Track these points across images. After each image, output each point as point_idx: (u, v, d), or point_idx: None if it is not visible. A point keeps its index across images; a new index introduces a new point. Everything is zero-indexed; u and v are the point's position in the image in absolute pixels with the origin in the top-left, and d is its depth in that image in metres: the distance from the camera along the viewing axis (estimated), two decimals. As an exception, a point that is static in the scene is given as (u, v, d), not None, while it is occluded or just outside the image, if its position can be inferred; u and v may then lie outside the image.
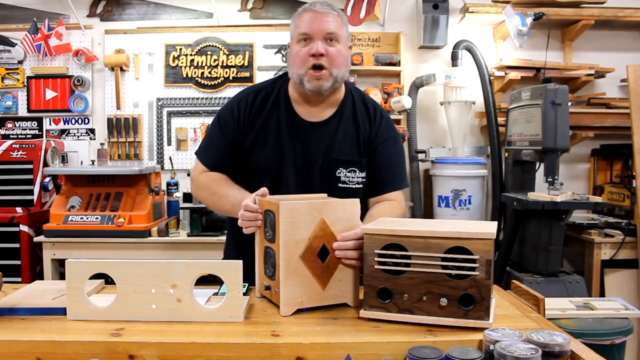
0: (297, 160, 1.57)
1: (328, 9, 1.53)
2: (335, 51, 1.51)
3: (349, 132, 1.60)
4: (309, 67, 1.50)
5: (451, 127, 3.55)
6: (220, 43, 3.63)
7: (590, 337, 2.20)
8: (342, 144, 1.59)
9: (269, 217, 1.27)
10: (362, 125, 1.62)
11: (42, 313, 1.21)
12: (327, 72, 1.51)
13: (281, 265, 1.20)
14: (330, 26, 1.50)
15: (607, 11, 3.42)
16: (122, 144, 3.66)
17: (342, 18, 1.56)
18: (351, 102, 1.64)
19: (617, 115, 3.44)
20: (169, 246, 3.09)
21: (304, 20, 1.52)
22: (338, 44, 1.52)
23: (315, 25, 1.50)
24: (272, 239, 1.25)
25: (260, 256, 1.33)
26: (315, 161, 1.58)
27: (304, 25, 1.51)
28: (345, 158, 1.58)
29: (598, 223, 3.13)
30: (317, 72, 1.50)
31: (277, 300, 1.23)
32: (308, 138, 1.58)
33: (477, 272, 1.09)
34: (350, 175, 1.58)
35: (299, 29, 1.52)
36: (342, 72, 1.55)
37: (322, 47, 1.49)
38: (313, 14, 1.51)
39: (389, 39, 3.66)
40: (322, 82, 1.51)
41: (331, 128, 1.59)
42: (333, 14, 1.53)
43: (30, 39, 3.51)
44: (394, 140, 1.66)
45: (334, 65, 1.51)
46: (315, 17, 1.51)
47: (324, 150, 1.58)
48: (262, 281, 1.32)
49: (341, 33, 1.54)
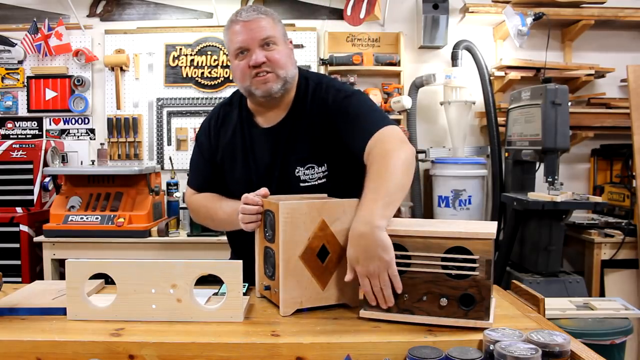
0: (258, 167, 1.55)
1: (255, 14, 1.46)
2: (276, 54, 1.45)
3: (302, 128, 1.52)
4: (252, 77, 1.46)
5: (451, 127, 3.55)
6: (220, 43, 3.63)
7: (590, 337, 2.20)
8: (296, 142, 1.53)
9: (268, 217, 1.27)
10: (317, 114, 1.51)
11: (42, 313, 1.21)
12: (272, 74, 1.46)
13: (281, 265, 1.20)
14: (262, 32, 1.44)
15: (607, 11, 3.42)
16: (122, 144, 3.66)
17: (272, 17, 1.48)
18: (304, 94, 1.55)
19: (617, 115, 3.44)
20: (169, 246, 3.09)
21: (235, 33, 1.46)
22: (276, 45, 1.46)
23: (247, 35, 1.44)
24: (272, 239, 1.25)
25: (260, 256, 1.33)
26: (275, 167, 1.54)
27: (237, 38, 1.45)
28: (299, 156, 1.52)
29: (598, 223, 3.13)
30: (262, 77, 1.45)
31: (277, 300, 1.23)
32: (264, 144, 1.55)
33: (477, 272, 1.09)
34: (309, 173, 1.52)
35: (234, 44, 1.46)
36: (290, 71, 1.49)
37: (261, 56, 1.43)
38: (242, 24, 1.45)
39: (389, 39, 3.66)
40: (270, 85, 1.46)
41: (284, 129, 1.54)
42: (261, 17, 1.46)
43: (30, 39, 3.51)
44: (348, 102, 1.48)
45: (278, 67, 1.46)
46: (245, 27, 1.44)
47: (282, 154, 1.53)
48: (262, 281, 1.32)
49: (276, 33, 1.47)
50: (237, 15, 1.48)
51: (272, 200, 1.26)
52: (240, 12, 1.48)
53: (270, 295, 1.28)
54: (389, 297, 1.13)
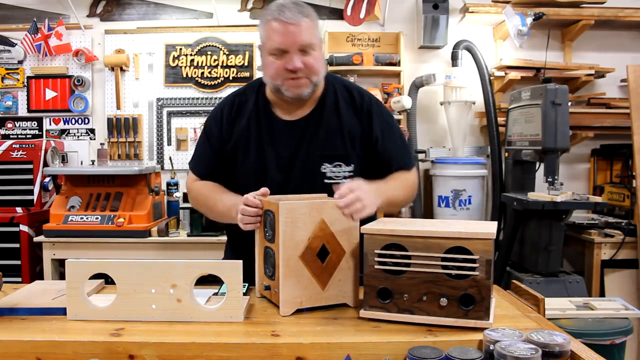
0: (279, 161, 1.55)
1: (299, 17, 1.42)
2: (312, 60, 1.45)
3: (332, 126, 1.55)
4: (285, 78, 1.46)
5: (451, 127, 3.55)
6: (220, 43, 3.63)
7: (590, 337, 2.20)
8: (325, 138, 1.55)
9: (268, 217, 1.27)
10: (346, 116, 1.57)
11: (42, 313, 1.21)
12: (306, 80, 1.47)
13: (281, 265, 1.20)
14: (304, 38, 1.42)
15: (607, 11, 3.42)
16: (122, 144, 3.66)
17: (313, 20, 1.47)
18: (333, 94, 1.58)
19: (617, 115, 3.44)
20: (169, 246, 3.09)
21: (276, 32, 1.43)
22: (314, 51, 1.46)
23: (289, 38, 1.42)
24: (272, 239, 1.25)
25: (260, 256, 1.33)
26: (297, 159, 1.54)
27: (276, 39, 1.43)
28: (328, 153, 1.54)
29: (598, 223, 3.13)
30: (296, 81, 1.46)
31: (277, 300, 1.23)
32: (288, 138, 1.55)
33: (477, 272, 1.09)
34: (336, 170, 1.54)
35: (272, 43, 1.44)
36: (321, 76, 1.51)
37: (298, 61, 1.43)
38: (284, 26, 1.41)
39: (389, 39, 3.66)
40: (302, 90, 1.48)
41: (312, 124, 1.55)
42: (305, 21, 1.43)
43: (30, 39, 3.51)
44: (390, 125, 1.62)
45: (312, 73, 1.47)
46: (287, 30, 1.41)
47: (306, 148, 1.54)
48: (262, 281, 1.32)
49: (315, 40, 1.46)
50: (280, 12, 1.42)
51: (272, 201, 1.25)
52: (283, 10, 1.42)
53: (270, 295, 1.28)
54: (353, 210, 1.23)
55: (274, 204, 1.22)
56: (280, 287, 1.21)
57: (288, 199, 1.28)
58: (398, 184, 1.56)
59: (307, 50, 1.44)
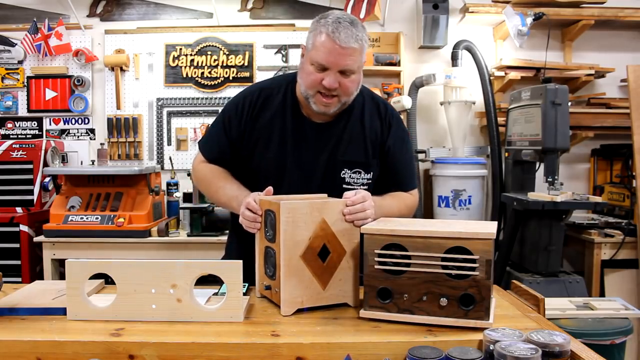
0: (300, 161, 1.56)
1: (351, 41, 1.40)
2: (349, 82, 1.46)
3: (356, 133, 1.58)
4: (317, 91, 1.47)
5: (451, 127, 3.55)
6: (220, 43, 3.63)
7: (590, 337, 2.20)
8: (348, 145, 1.57)
9: (269, 217, 1.27)
10: (370, 124, 1.60)
11: (42, 313, 1.21)
12: (336, 99, 1.48)
13: (282, 264, 1.20)
14: (348, 63, 1.42)
15: (607, 11, 3.42)
16: (122, 144, 3.66)
17: (364, 45, 1.45)
18: (361, 101, 1.60)
19: (617, 115, 3.44)
20: (169, 246, 3.09)
21: (324, 47, 1.41)
22: (354, 74, 1.46)
23: (334, 59, 1.41)
24: (273, 239, 1.25)
25: (261, 256, 1.33)
26: (319, 162, 1.56)
27: (322, 54, 1.42)
28: (350, 159, 1.57)
29: (598, 223, 3.13)
30: (326, 99, 1.47)
31: (278, 300, 1.23)
32: (313, 139, 1.56)
33: (477, 272, 1.09)
34: (355, 177, 1.57)
35: (316, 56, 1.43)
36: (351, 98, 1.52)
37: (335, 82, 1.43)
38: (335, 47, 1.40)
39: (389, 39, 3.66)
40: (330, 108, 1.49)
41: (338, 129, 1.57)
42: (355, 48, 1.41)
43: (30, 39, 3.51)
44: (404, 141, 1.66)
45: (345, 94, 1.48)
46: (336, 51, 1.40)
47: (329, 151, 1.56)
48: (263, 281, 1.32)
49: (358, 65, 1.46)
50: (335, 30, 1.41)
51: (273, 200, 1.25)
52: (338, 28, 1.41)
53: (271, 295, 1.28)
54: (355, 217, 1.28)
55: (275, 203, 1.22)
56: (281, 287, 1.21)
57: (289, 198, 1.28)
58: (397, 204, 1.60)
59: (348, 73, 1.45)
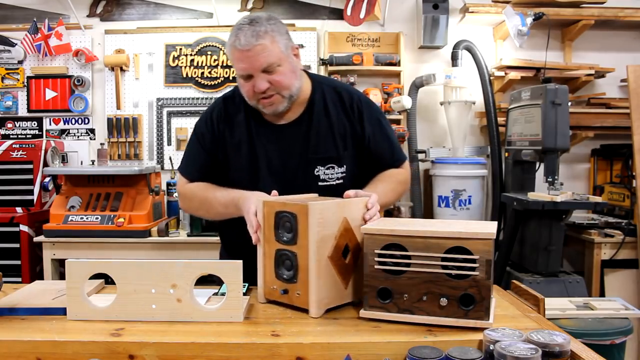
0: (271, 165, 1.55)
1: (253, 41, 1.40)
2: (279, 76, 1.45)
3: (323, 128, 1.56)
4: (258, 99, 1.48)
5: (451, 127, 3.55)
6: (220, 43, 3.63)
7: (590, 337, 2.20)
8: (318, 141, 1.55)
9: (283, 219, 1.23)
10: (336, 118, 1.57)
11: (42, 313, 1.21)
12: (278, 96, 1.47)
13: (312, 266, 1.18)
14: (262, 60, 1.41)
15: (607, 11, 3.42)
16: (122, 144, 3.66)
17: (271, 36, 1.42)
18: (321, 96, 1.58)
19: (617, 115, 3.44)
20: (169, 246, 3.09)
21: (235, 59, 1.44)
22: (280, 67, 1.44)
23: (248, 64, 1.42)
24: (292, 241, 1.22)
25: (269, 259, 1.28)
26: (291, 163, 1.55)
27: (239, 64, 1.44)
28: (322, 156, 1.55)
29: (598, 223, 3.13)
30: (268, 100, 1.47)
31: (301, 303, 1.21)
32: (280, 141, 1.55)
33: (477, 272, 1.09)
34: (329, 172, 1.55)
35: (237, 69, 1.46)
36: (294, 87, 1.50)
37: (264, 83, 1.43)
38: (241, 53, 1.41)
39: (389, 39, 3.66)
40: (276, 106, 1.49)
41: (303, 127, 1.56)
42: (259, 43, 1.40)
43: (30, 39, 3.51)
44: (380, 121, 1.63)
45: (283, 89, 1.47)
46: (244, 57, 1.41)
47: (299, 151, 1.55)
48: (272, 285, 1.28)
49: (277, 56, 1.43)
50: (236, 39, 1.42)
51: (289, 202, 1.23)
52: (238, 37, 1.41)
53: (291, 299, 1.24)
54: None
55: (297, 205, 1.20)
56: (311, 289, 1.19)
57: (302, 199, 1.27)
58: (391, 186, 1.60)
59: (271, 69, 1.44)
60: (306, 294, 1.20)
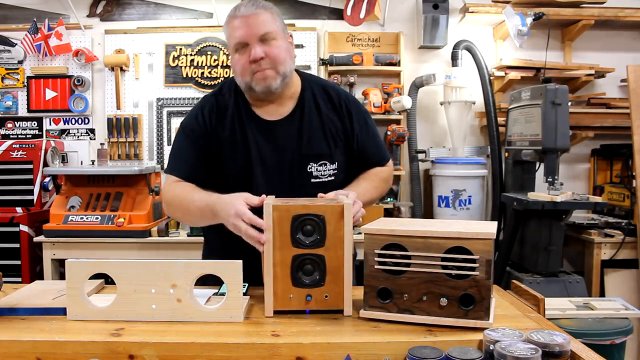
0: (264, 161, 1.53)
1: (253, 9, 1.46)
2: (275, 49, 1.46)
3: (314, 125, 1.56)
4: (252, 73, 1.47)
5: (451, 127, 3.55)
6: (220, 43, 3.63)
7: (590, 337, 2.20)
8: (310, 138, 1.55)
9: (303, 223, 1.20)
10: (326, 115, 1.58)
11: (42, 313, 1.21)
12: (271, 71, 1.47)
13: (346, 268, 1.20)
14: (261, 27, 1.45)
15: (607, 11, 3.42)
16: (122, 144, 3.66)
17: (271, 11, 1.49)
18: (310, 94, 1.59)
19: (617, 115, 3.44)
20: (169, 246, 3.09)
21: (234, 27, 1.47)
22: (275, 40, 1.47)
23: (247, 30, 1.44)
24: (317, 244, 1.20)
25: (281, 267, 1.21)
26: (284, 160, 1.54)
27: (236, 33, 1.46)
28: (314, 152, 1.54)
29: (598, 223, 3.13)
30: (261, 73, 1.46)
31: (329, 306, 1.21)
32: (273, 137, 1.54)
33: (477, 272, 1.09)
34: (321, 169, 1.55)
35: (233, 39, 1.47)
36: (288, 66, 1.50)
37: (260, 51, 1.44)
38: (240, 19, 1.46)
39: (389, 39, 3.66)
40: (269, 82, 1.48)
41: (295, 123, 1.55)
42: (260, 12, 1.46)
43: (30, 39, 3.51)
44: (366, 121, 1.65)
45: (278, 63, 1.47)
46: (244, 22, 1.45)
47: (292, 148, 1.54)
48: (288, 294, 1.21)
49: (275, 28, 1.48)
50: (236, 10, 1.48)
51: (310, 204, 1.22)
52: (239, 7, 1.48)
53: (317, 304, 1.21)
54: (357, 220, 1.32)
55: (322, 207, 1.20)
56: (346, 291, 1.20)
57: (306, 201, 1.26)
58: (374, 184, 1.61)
59: (268, 39, 1.46)
60: (336, 296, 1.21)
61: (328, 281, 1.21)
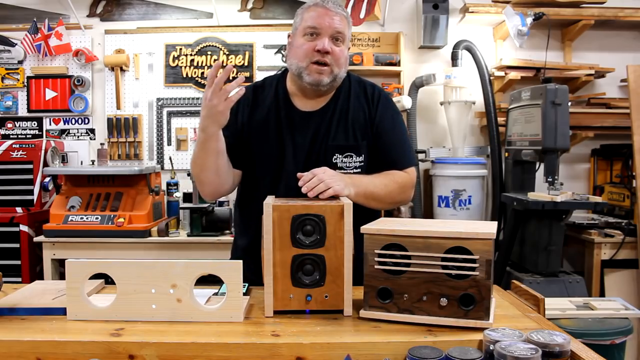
0: (296, 150, 1.58)
1: (339, 9, 1.55)
2: (340, 51, 1.54)
3: (343, 117, 1.60)
4: (311, 61, 1.52)
5: (451, 127, 3.55)
6: (220, 43, 3.63)
7: (590, 337, 2.20)
8: (337, 130, 1.59)
9: (302, 223, 1.20)
10: (356, 106, 1.61)
11: (42, 313, 1.21)
12: (329, 68, 1.53)
13: (346, 268, 1.20)
14: (339, 26, 1.53)
15: (607, 11, 3.42)
16: (122, 144, 3.66)
17: (349, 20, 1.59)
18: (347, 86, 1.64)
19: (617, 115, 3.44)
20: (169, 246, 3.09)
21: (314, 14, 1.53)
22: (342, 44, 1.55)
23: (326, 21, 1.51)
24: (317, 244, 1.20)
25: (281, 268, 1.21)
26: (311, 150, 1.58)
27: (314, 19, 1.52)
28: (340, 144, 1.58)
29: (598, 223, 3.13)
30: (320, 67, 1.52)
31: (329, 305, 1.21)
32: (304, 128, 1.59)
33: (477, 272, 1.09)
34: (347, 161, 1.57)
35: (307, 22, 1.53)
36: (342, 72, 1.57)
37: (328, 44, 1.51)
38: (324, 10, 1.53)
39: (389, 39, 3.66)
40: (323, 77, 1.53)
41: (326, 116, 1.60)
42: (343, 14, 1.55)
43: (30, 39, 3.51)
44: (394, 119, 1.65)
45: (337, 64, 1.54)
46: (326, 14, 1.52)
47: (320, 139, 1.58)
48: (288, 294, 1.21)
49: (347, 34, 1.57)
50: (323, 1, 1.55)
51: (310, 204, 1.22)
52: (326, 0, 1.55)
53: (317, 304, 1.21)
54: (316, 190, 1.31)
55: (322, 207, 1.20)
56: (345, 290, 1.20)
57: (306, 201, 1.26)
58: (383, 180, 1.55)
59: (338, 39, 1.54)
60: (336, 296, 1.21)
61: (328, 281, 1.21)
